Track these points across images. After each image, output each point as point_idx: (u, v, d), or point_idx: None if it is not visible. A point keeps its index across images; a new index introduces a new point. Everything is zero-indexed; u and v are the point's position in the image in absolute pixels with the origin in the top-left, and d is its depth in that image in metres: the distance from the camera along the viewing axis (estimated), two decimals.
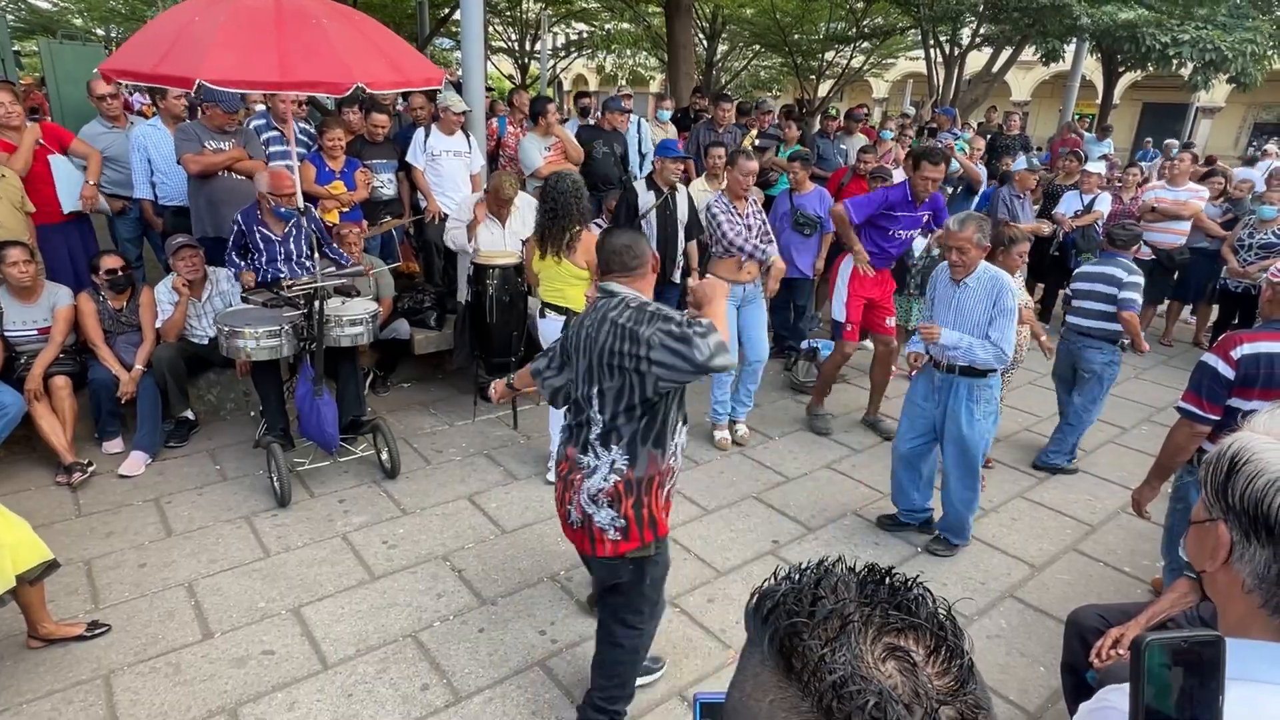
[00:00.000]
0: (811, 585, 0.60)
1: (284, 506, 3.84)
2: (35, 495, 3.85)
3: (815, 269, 5.90)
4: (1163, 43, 10.57)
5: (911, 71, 24.90)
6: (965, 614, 3.30)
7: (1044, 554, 3.79)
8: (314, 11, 3.50)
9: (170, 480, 4.09)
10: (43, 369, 4.01)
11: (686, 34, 11.26)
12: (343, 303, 4.13)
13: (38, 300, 4.12)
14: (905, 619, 0.57)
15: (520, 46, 22.28)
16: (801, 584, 0.61)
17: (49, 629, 2.83)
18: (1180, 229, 6.71)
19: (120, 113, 5.39)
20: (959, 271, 3.44)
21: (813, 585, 0.60)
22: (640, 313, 2.23)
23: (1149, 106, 26.82)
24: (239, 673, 2.78)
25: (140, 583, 3.25)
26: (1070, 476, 4.60)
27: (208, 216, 4.85)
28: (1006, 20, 11.19)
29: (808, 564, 0.63)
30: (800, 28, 16.85)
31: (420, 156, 5.47)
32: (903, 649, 0.55)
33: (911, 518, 3.90)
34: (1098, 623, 2.44)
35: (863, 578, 0.61)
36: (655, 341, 2.14)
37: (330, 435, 3.94)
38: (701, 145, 6.81)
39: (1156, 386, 6.17)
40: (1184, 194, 6.69)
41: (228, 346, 3.79)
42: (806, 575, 0.61)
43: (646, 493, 2.32)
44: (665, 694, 2.79)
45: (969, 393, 3.50)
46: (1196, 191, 6.73)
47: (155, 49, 3.31)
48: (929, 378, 3.66)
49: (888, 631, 0.56)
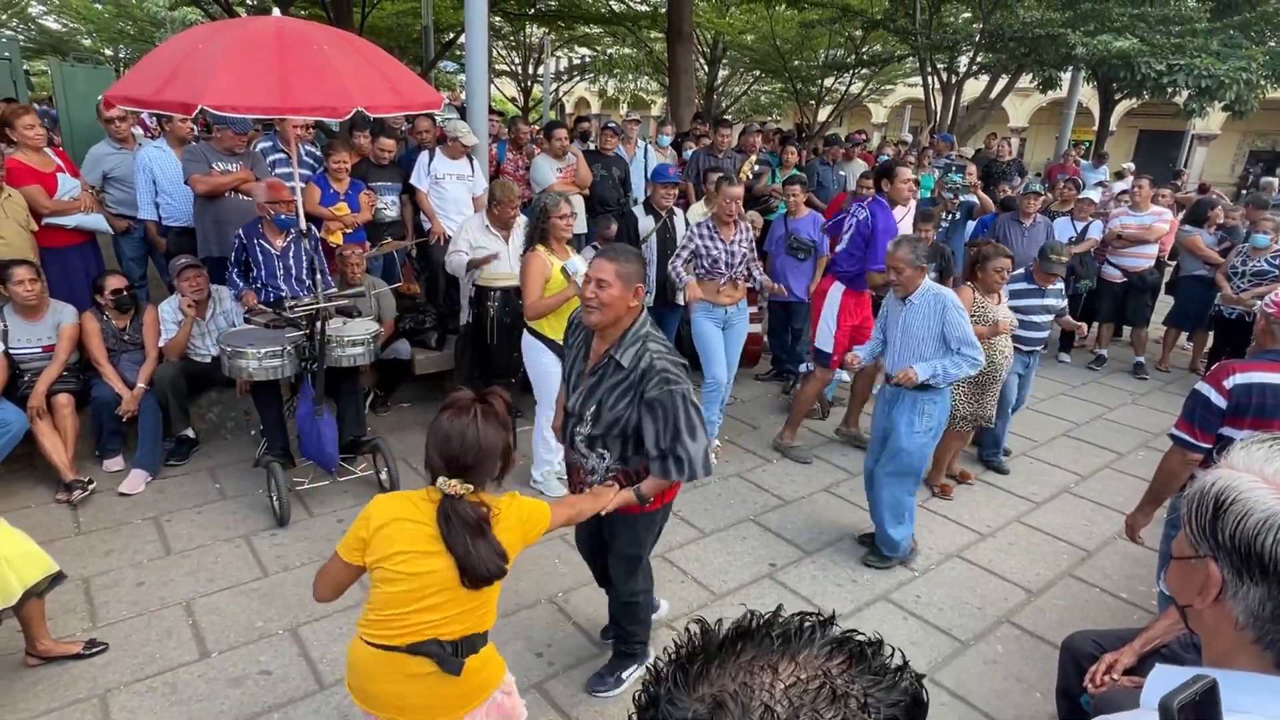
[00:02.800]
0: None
1: (283, 526, 3.85)
2: (35, 512, 3.87)
3: (808, 292, 5.95)
4: (1158, 71, 10.74)
5: (910, 97, 25.21)
6: (961, 639, 3.30)
7: (1040, 579, 3.79)
8: (315, 38, 3.56)
9: (170, 498, 4.10)
10: (46, 387, 4.03)
11: (687, 59, 11.43)
12: (344, 323, 4.17)
13: (42, 318, 4.16)
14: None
15: (523, 70, 22.57)
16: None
17: (47, 646, 2.83)
18: (1148, 252, 6.98)
19: (129, 134, 5.47)
20: (899, 290, 3.67)
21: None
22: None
23: (1145, 134, 27.13)
24: (235, 693, 2.78)
25: (138, 601, 3.25)
26: (1067, 501, 4.61)
27: (214, 236, 4.90)
28: (1003, 49, 11.39)
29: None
30: (800, 54, 17.13)
31: (424, 179, 5.54)
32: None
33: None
34: (1092, 648, 2.46)
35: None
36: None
37: (330, 455, 3.96)
38: (700, 170, 6.92)
39: (1153, 412, 6.20)
40: (1148, 218, 6.93)
41: (230, 366, 3.83)
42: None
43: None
44: None
45: (913, 405, 3.64)
46: (1160, 215, 6.98)
47: (159, 76, 3.36)
48: (882, 392, 3.86)
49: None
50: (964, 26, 12.96)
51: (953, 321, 3.52)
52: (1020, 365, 4.97)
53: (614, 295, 2.36)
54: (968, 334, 3.53)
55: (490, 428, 1.91)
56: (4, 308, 4.10)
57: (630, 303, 2.40)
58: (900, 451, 3.65)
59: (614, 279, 2.36)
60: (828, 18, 13.45)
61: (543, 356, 4.12)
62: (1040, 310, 4.91)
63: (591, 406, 2.48)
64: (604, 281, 2.36)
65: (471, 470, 1.89)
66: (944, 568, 3.85)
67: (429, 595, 1.89)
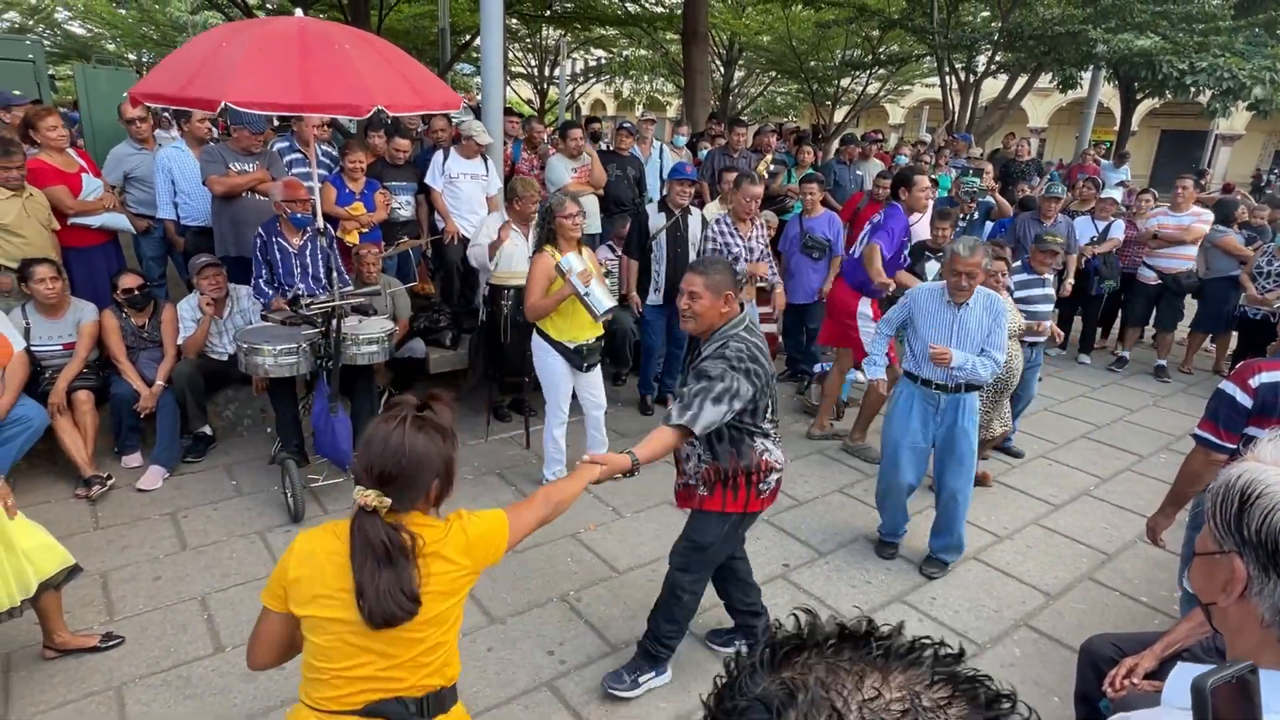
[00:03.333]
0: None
1: (298, 522, 3.88)
2: (55, 507, 3.91)
3: (823, 292, 5.91)
4: (1180, 70, 10.57)
5: (928, 98, 25.02)
6: (978, 642, 3.26)
7: (1059, 582, 3.74)
8: (336, 37, 3.60)
9: (187, 495, 4.14)
10: (66, 383, 4.09)
11: (703, 60, 11.41)
12: (359, 321, 4.19)
13: (63, 316, 4.21)
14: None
15: (539, 72, 22.64)
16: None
17: (64, 639, 2.86)
18: (1186, 253, 6.74)
19: (149, 135, 5.54)
20: (963, 295, 3.52)
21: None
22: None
23: (1167, 134, 26.77)
24: (250, 687, 2.79)
25: (155, 595, 3.28)
26: (1087, 504, 4.55)
27: (231, 236, 4.95)
28: (1022, 48, 11.26)
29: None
30: (816, 55, 17.05)
31: (439, 178, 5.57)
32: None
33: (904, 531, 3.93)
34: (1112, 652, 2.41)
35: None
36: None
37: (345, 452, 3.98)
38: (716, 170, 6.90)
39: (1175, 414, 6.10)
40: (1187, 218, 6.69)
41: (246, 363, 3.86)
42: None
43: (733, 482, 2.70)
44: (673, 717, 2.77)
45: (970, 407, 3.64)
46: (1199, 215, 6.74)
47: (183, 73, 3.41)
48: (923, 402, 3.67)
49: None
50: (982, 25, 12.84)
51: (1002, 325, 3.55)
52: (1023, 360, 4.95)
53: (705, 305, 2.57)
54: (1004, 339, 3.57)
55: (423, 437, 1.61)
56: (26, 305, 4.16)
57: (721, 309, 2.58)
58: (968, 455, 3.64)
59: (703, 290, 2.55)
60: (844, 17, 13.37)
61: (549, 357, 4.12)
62: (1043, 300, 4.90)
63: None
64: (695, 294, 2.56)
65: (394, 483, 1.59)
66: (960, 570, 3.80)
67: (367, 641, 1.59)
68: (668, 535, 4.00)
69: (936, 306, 3.61)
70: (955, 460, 3.65)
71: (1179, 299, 6.92)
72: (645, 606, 3.18)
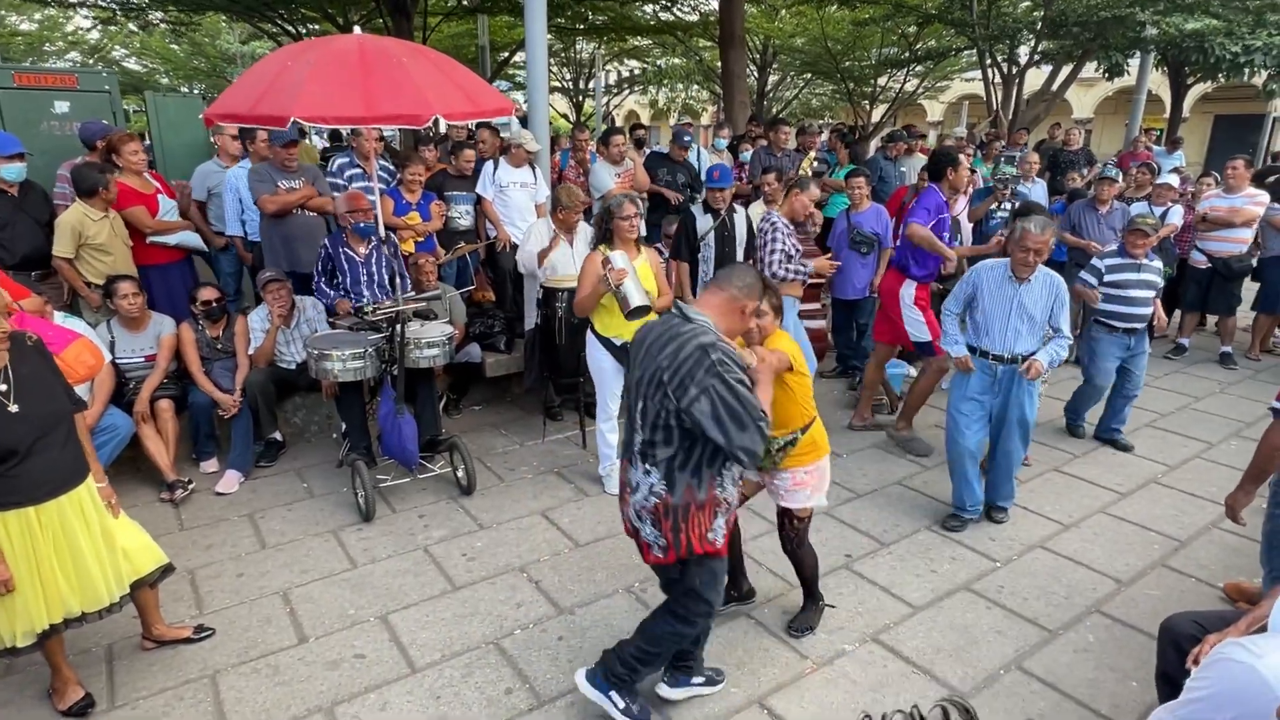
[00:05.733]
0: None
1: (368, 521, 4.01)
2: (141, 510, 4.10)
3: (874, 286, 5.89)
4: (1233, 52, 10.26)
5: (967, 93, 24.66)
6: (1049, 629, 3.22)
7: (1130, 569, 3.66)
8: (394, 51, 3.75)
9: (262, 497, 4.31)
10: (149, 393, 4.30)
11: (740, 64, 11.45)
12: (421, 325, 4.33)
13: (144, 330, 4.44)
14: None
15: (574, 85, 22.96)
16: None
17: (160, 631, 3.02)
18: (1239, 236, 6.51)
19: (237, 154, 5.75)
20: (1026, 271, 3.70)
21: None
22: (703, 356, 2.20)
23: (1221, 119, 25.87)
24: (333, 675, 2.91)
25: (239, 591, 3.43)
26: (1155, 491, 4.45)
27: (282, 252, 5.15)
28: (1066, 36, 11.05)
29: None
30: (852, 54, 16.95)
31: (489, 188, 5.71)
32: None
33: (975, 510, 4.05)
34: (1194, 630, 2.37)
35: None
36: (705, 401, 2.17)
37: (411, 452, 4.11)
38: (760, 169, 6.94)
39: (1244, 401, 5.92)
40: (1239, 200, 6.48)
41: (317, 369, 4.02)
42: None
43: (684, 519, 2.36)
44: (744, 702, 2.80)
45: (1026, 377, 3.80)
46: (1254, 197, 6.50)
47: (252, 93, 3.59)
48: (981, 373, 3.91)
49: None
50: (1024, 14, 12.61)
51: (1063, 300, 3.66)
52: (1120, 348, 4.87)
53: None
54: (1068, 316, 3.71)
55: None
56: (110, 321, 4.39)
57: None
58: (1027, 421, 3.91)
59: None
60: (881, 15, 13.29)
61: (598, 353, 4.22)
62: (1139, 285, 4.79)
63: None
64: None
65: None
66: (1027, 558, 3.76)
67: None
68: None
69: (998, 283, 3.77)
70: (1009, 427, 3.91)
71: (1231, 283, 6.70)
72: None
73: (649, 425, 2.34)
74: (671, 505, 2.35)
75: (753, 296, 2.41)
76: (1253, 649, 1.08)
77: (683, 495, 2.34)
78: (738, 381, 2.20)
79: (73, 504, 2.51)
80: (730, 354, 2.25)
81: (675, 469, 2.33)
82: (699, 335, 2.24)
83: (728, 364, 2.21)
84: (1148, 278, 4.82)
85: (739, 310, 2.40)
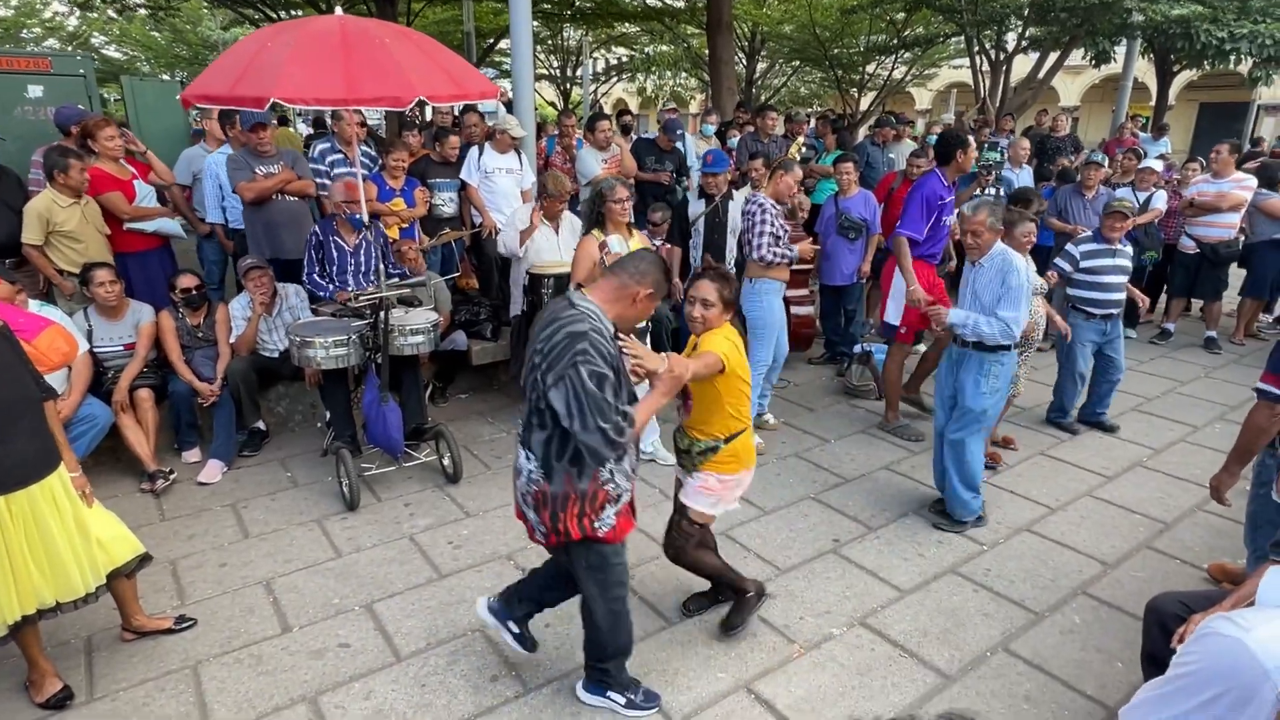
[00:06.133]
0: None
1: (353, 510, 3.97)
2: (122, 501, 4.05)
3: (861, 272, 5.88)
4: (1219, 38, 10.29)
5: (955, 81, 24.68)
6: (1036, 611, 3.22)
7: (1116, 551, 3.68)
8: (376, 32, 3.68)
9: (245, 487, 4.26)
10: (128, 382, 4.23)
11: (728, 50, 11.37)
12: (405, 312, 4.27)
13: (123, 318, 4.36)
14: None
15: (562, 73, 22.78)
16: None
17: (140, 622, 2.97)
18: (1227, 221, 6.54)
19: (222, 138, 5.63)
20: (974, 254, 3.69)
21: None
22: (570, 344, 2.14)
23: (1207, 107, 26.03)
24: (318, 664, 2.87)
25: (222, 581, 3.39)
26: (1141, 474, 4.47)
27: (265, 239, 5.07)
28: (1054, 21, 11.03)
29: None
30: (840, 41, 16.88)
31: (474, 174, 5.65)
32: None
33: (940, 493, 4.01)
34: (1179, 609, 2.38)
35: None
36: (562, 389, 2.11)
37: (396, 440, 4.07)
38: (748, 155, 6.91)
39: (1228, 385, 5.95)
40: (1226, 185, 6.51)
41: (300, 356, 3.96)
42: None
43: (562, 508, 2.30)
44: (731, 686, 2.79)
45: (979, 366, 3.70)
46: (1240, 181, 6.53)
47: (231, 74, 3.51)
48: (949, 353, 3.89)
49: None
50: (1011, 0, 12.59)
51: (1010, 284, 3.56)
52: (1095, 333, 4.90)
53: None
54: (1016, 299, 3.55)
55: None
56: (87, 309, 4.32)
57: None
58: (967, 411, 3.72)
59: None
60: (868, 1, 13.23)
61: None
62: (1113, 270, 4.82)
63: None
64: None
65: None
66: (1013, 541, 3.77)
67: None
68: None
69: (968, 267, 3.80)
70: (956, 413, 3.82)
71: (1219, 269, 6.75)
72: (695, 583, 3.22)
73: (528, 408, 2.30)
74: (549, 494, 2.30)
75: (646, 283, 2.31)
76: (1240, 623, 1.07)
77: (561, 484, 2.28)
78: (595, 375, 2.12)
79: (44, 493, 2.46)
80: (599, 346, 2.15)
81: (552, 457, 2.27)
82: (573, 322, 2.17)
83: (591, 356, 2.12)
84: (1122, 263, 4.87)
85: (630, 297, 2.31)
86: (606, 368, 2.15)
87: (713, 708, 2.69)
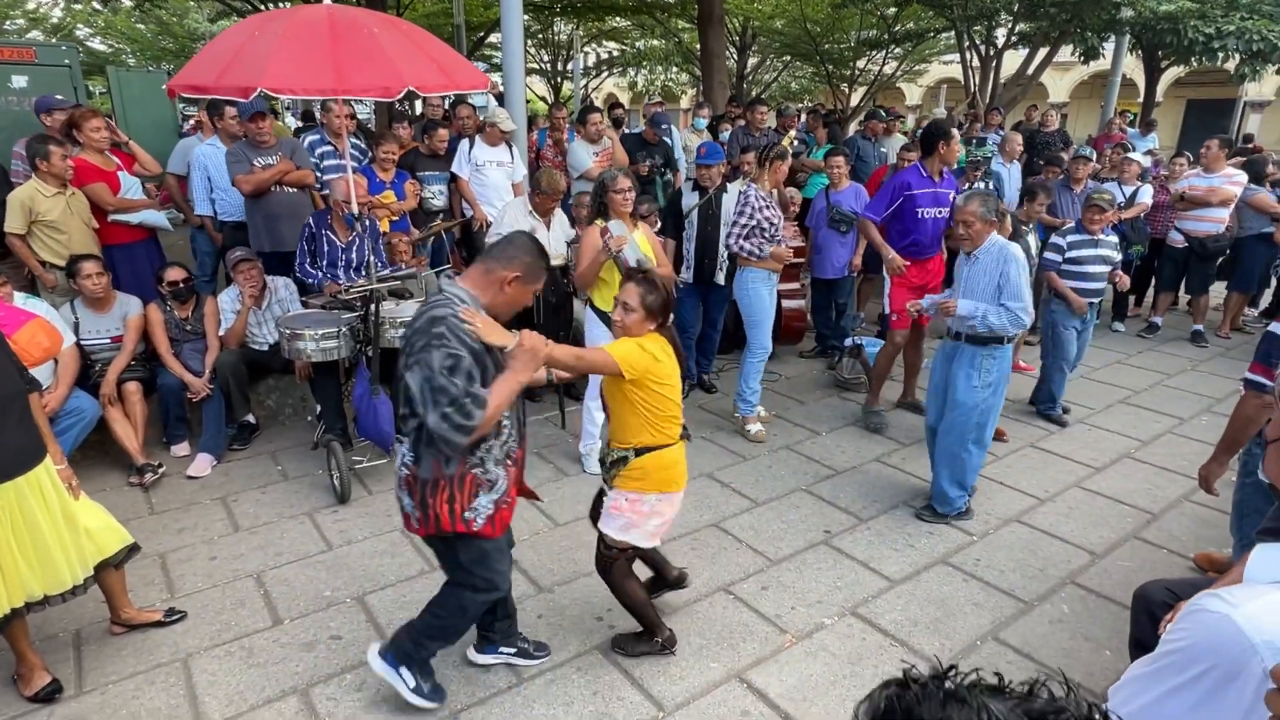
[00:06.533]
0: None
1: (344, 503, 3.95)
2: (110, 495, 4.02)
3: (853, 265, 5.89)
4: (1206, 34, 10.35)
5: (945, 76, 24.72)
6: (1025, 600, 3.25)
7: (1104, 541, 3.71)
8: (365, 22, 3.66)
9: (235, 480, 4.23)
10: (116, 375, 4.20)
11: (719, 43, 11.37)
12: (396, 304, 4.25)
13: (110, 310, 4.32)
14: None
15: (552, 67, 22.68)
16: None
17: (130, 615, 2.95)
18: (1216, 215, 6.56)
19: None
20: (967, 245, 3.68)
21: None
22: (429, 326, 2.12)
23: (1194, 103, 26.20)
24: (309, 656, 2.87)
25: (212, 574, 3.37)
26: (1129, 466, 4.51)
27: (265, 232, 5.04)
28: (1044, 16, 11.07)
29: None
30: (831, 36, 16.87)
31: (465, 167, 5.62)
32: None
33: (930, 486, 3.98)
34: (1166, 597, 2.40)
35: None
36: (417, 371, 2.09)
37: (387, 433, 4.05)
38: (739, 148, 6.91)
39: (1214, 378, 6.01)
40: (1217, 180, 6.54)
41: (290, 349, 3.94)
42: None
43: (431, 494, 2.29)
44: (723, 676, 2.80)
45: (971, 360, 3.67)
46: (1231, 177, 6.56)
47: (218, 64, 3.49)
48: (942, 347, 3.87)
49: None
50: None
51: (1010, 275, 3.54)
52: (1079, 321, 4.95)
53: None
54: (1020, 290, 3.53)
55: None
56: (74, 301, 4.27)
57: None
58: (958, 406, 3.70)
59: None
60: None
61: (595, 328, 4.16)
62: (1095, 260, 4.88)
63: None
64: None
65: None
66: (1003, 532, 3.79)
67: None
68: (697, 506, 4.04)
69: (961, 258, 3.80)
70: (946, 407, 3.78)
71: (1207, 263, 6.79)
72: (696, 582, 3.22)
73: (402, 394, 2.25)
74: (419, 478, 2.29)
75: (513, 268, 2.27)
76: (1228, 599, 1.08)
77: (430, 470, 2.27)
78: (449, 358, 2.09)
79: (31, 485, 2.43)
80: (457, 330, 2.12)
81: (422, 442, 2.24)
82: (437, 306, 2.17)
83: (447, 339, 2.10)
84: (1104, 253, 4.92)
85: (497, 282, 2.27)
86: (464, 351, 2.12)
87: (705, 697, 2.70)
